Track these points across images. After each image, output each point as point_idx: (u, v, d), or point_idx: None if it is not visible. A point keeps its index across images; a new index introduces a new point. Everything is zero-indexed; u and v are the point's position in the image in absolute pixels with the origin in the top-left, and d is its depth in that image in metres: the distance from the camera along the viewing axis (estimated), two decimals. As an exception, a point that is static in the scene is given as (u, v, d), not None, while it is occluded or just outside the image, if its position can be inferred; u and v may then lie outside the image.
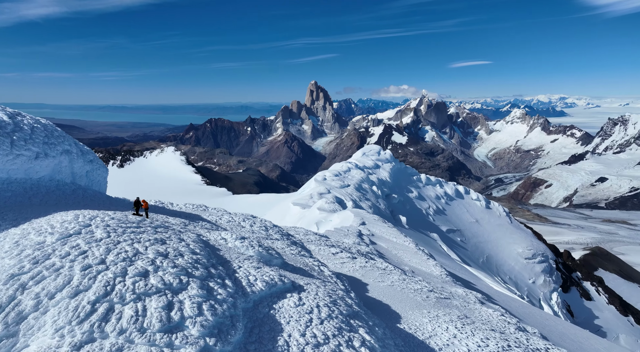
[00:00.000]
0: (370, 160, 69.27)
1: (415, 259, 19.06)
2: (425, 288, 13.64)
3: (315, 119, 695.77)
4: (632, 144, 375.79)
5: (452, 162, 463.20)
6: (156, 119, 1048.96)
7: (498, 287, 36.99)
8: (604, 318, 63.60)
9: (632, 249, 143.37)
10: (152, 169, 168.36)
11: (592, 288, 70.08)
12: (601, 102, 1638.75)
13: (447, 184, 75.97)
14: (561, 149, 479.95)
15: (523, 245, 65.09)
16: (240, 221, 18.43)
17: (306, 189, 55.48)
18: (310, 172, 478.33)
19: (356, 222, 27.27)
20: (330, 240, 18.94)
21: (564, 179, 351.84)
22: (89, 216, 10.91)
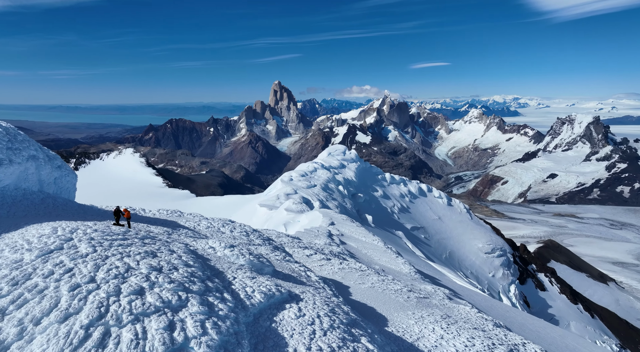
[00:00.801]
0: (336, 160, 69.65)
1: (384, 258, 19.27)
2: (404, 288, 13.77)
3: (279, 119, 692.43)
4: (578, 142, 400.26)
5: (415, 161, 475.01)
6: (112, 120, 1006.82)
7: (461, 282, 38.20)
8: (556, 307, 67.26)
9: (580, 241, 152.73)
10: (110, 172, 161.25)
11: (546, 279, 73.99)
12: (550, 102, 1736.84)
13: (411, 183, 77.70)
14: (516, 147, 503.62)
15: (483, 240, 67.70)
16: (219, 226, 17.86)
17: (272, 190, 54.98)
18: (276, 172, 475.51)
19: (325, 222, 27.25)
20: (302, 242, 18.78)
21: (518, 176, 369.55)
22: (69, 228, 10.09)
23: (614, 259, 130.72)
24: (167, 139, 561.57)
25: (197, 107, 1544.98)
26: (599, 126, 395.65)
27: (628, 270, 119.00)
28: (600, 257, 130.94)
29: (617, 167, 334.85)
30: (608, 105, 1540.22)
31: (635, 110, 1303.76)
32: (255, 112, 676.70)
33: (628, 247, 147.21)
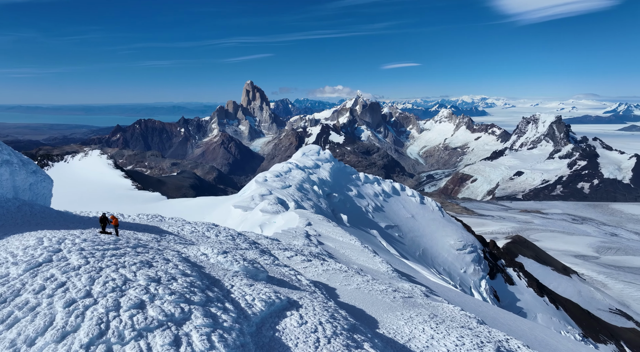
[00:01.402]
0: (311, 160, 69.71)
1: (362, 257, 19.45)
2: (389, 288, 13.89)
3: (252, 119, 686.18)
4: (542, 140, 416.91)
5: (387, 160, 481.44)
6: (77, 121, 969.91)
7: (435, 279, 39.06)
8: (524, 300, 69.81)
9: (545, 236, 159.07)
10: (75, 175, 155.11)
11: (514, 273, 76.68)
12: (516, 102, 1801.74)
13: (385, 182, 78.72)
14: (484, 146, 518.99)
15: (454, 237, 69.45)
16: (203, 230, 17.38)
17: (247, 191, 54.44)
18: (249, 173, 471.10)
19: (302, 223, 27.21)
20: (281, 243, 18.68)
21: (487, 174, 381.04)
22: (56, 238, 9.52)
23: (576, 253, 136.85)
24: (136, 140, 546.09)
25: (167, 107, 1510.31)
26: (561, 125, 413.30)
27: (589, 262, 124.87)
28: (564, 250, 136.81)
29: (578, 165, 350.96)
30: (569, 105, 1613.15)
31: (593, 110, 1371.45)
32: (227, 112, 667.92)
33: (588, 240, 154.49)
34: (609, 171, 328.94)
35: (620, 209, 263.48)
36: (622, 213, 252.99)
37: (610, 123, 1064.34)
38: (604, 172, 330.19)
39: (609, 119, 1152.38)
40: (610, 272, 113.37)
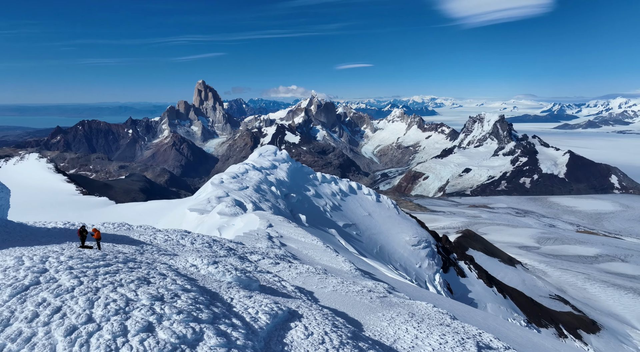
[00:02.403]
0: (267, 161, 69.03)
1: (325, 257, 19.47)
2: (364, 289, 13.90)
3: (205, 119, 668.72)
4: (488, 138, 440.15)
5: (343, 159, 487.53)
6: (11, 122, 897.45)
7: (392, 275, 40.01)
8: (475, 291, 73.30)
9: (492, 229, 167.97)
10: (11, 180, 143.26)
11: (466, 266, 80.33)
12: (463, 102, 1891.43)
13: (342, 181, 79.58)
14: (434, 145, 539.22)
15: (409, 233, 71.58)
16: (178, 239, 16.39)
17: (202, 193, 52.91)
18: (203, 175, 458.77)
19: (263, 224, 26.80)
20: (246, 246, 18.25)
21: (437, 171, 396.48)
22: (37, 257, 8.51)
23: (520, 244, 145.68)
24: (79, 142, 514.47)
25: (112, 108, 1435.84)
26: (504, 124, 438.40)
27: (531, 253, 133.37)
28: (509, 242, 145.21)
29: (520, 161, 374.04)
30: (510, 105, 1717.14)
31: (531, 110, 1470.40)
32: (178, 113, 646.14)
33: (530, 232, 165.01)
34: (547, 167, 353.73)
35: (557, 201, 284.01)
36: (559, 205, 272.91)
37: (546, 122, 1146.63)
38: (543, 167, 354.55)
39: (546, 118, 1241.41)
40: (550, 261, 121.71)
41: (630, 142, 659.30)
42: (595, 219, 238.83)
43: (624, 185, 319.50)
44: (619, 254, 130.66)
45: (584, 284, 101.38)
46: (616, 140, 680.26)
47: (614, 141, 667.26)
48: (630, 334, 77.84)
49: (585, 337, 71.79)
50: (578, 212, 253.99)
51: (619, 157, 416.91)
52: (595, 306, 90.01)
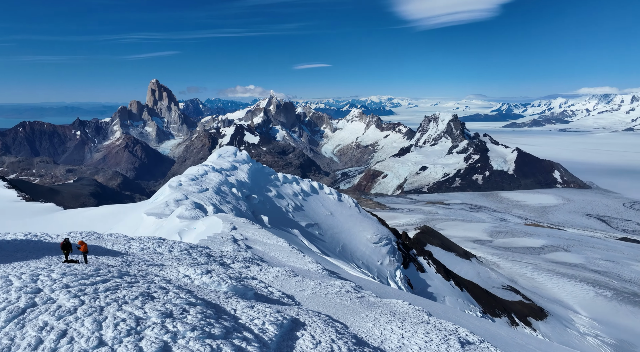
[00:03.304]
0: (227, 162, 67.72)
1: (292, 259, 19.34)
2: (342, 290, 13.84)
3: (159, 120, 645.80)
4: (442, 137, 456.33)
5: (303, 159, 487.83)
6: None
7: (355, 273, 40.54)
8: (434, 285, 75.79)
9: (448, 225, 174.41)
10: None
11: (425, 261, 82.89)
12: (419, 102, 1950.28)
13: (303, 181, 79.59)
14: (392, 144, 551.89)
15: (371, 231, 72.84)
16: (154, 247, 15.43)
17: (160, 197, 51.02)
18: (159, 177, 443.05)
19: (226, 227, 26.18)
20: (213, 250, 17.75)
21: (396, 170, 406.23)
22: (26, 275, 7.71)
23: (474, 238, 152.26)
24: (20, 145, 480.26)
25: (57, 108, 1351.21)
26: (457, 123, 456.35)
27: (484, 246, 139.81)
28: (464, 237, 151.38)
29: (472, 159, 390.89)
30: (462, 104, 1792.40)
31: (482, 109, 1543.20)
32: (131, 113, 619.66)
33: (483, 226, 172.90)
34: (497, 164, 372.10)
35: (507, 196, 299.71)
36: (509, 200, 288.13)
37: (496, 121, 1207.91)
38: (493, 164, 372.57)
39: (495, 117, 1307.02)
40: (502, 253, 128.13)
41: (570, 139, 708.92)
42: (541, 212, 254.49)
43: (566, 180, 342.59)
44: (562, 244, 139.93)
45: (532, 274, 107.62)
46: (557, 138, 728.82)
47: (556, 139, 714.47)
48: (573, 318, 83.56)
49: (535, 323, 76.26)
50: (526, 206, 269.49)
51: (560, 154, 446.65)
52: (543, 294, 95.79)
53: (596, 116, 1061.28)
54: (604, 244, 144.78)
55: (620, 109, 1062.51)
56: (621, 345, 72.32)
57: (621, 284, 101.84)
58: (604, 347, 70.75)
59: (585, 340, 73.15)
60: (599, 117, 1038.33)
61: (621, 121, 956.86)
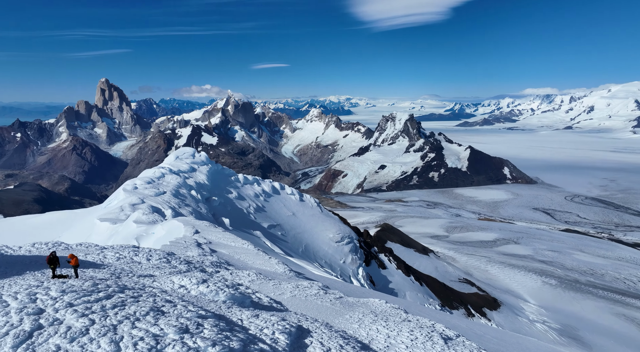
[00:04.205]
0: (185, 164, 65.81)
1: (258, 261, 19.09)
2: (321, 292, 13.74)
3: (110, 121, 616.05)
4: (399, 136, 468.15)
5: (263, 160, 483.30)
6: None
7: (319, 272, 40.77)
8: (395, 281, 77.66)
9: (407, 222, 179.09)
10: None
11: (385, 258, 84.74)
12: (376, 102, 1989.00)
13: (264, 182, 78.91)
14: (351, 143, 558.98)
15: (333, 230, 73.46)
16: (131, 256, 14.47)
17: (114, 201, 48.70)
18: (111, 181, 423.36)
19: (189, 231, 25.36)
20: (178, 256, 17.17)
21: (355, 169, 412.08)
22: (22, 294, 7.03)
23: (431, 234, 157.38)
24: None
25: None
26: (413, 122, 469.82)
27: (441, 241, 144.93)
28: (422, 233, 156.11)
29: (428, 157, 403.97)
30: (418, 104, 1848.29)
31: (436, 109, 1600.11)
32: (78, 114, 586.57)
33: (440, 222, 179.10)
34: (452, 161, 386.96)
35: (461, 193, 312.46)
36: (463, 196, 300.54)
37: (449, 120, 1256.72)
38: (448, 162, 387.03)
39: (449, 116, 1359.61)
40: (457, 248, 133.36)
41: (517, 137, 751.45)
42: (492, 207, 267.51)
43: (514, 176, 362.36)
44: (513, 237, 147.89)
45: (486, 267, 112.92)
46: (506, 136, 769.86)
47: (505, 137, 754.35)
48: (523, 307, 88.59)
49: (489, 314, 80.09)
50: (479, 202, 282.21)
51: (508, 151, 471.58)
52: (496, 285, 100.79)
53: (540, 115, 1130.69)
54: (549, 236, 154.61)
55: (561, 108, 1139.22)
56: (565, 329, 77.56)
57: (564, 273, 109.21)
58: (550, 332, 75.55)
59: (534, 326, 77.77)
60: (542, 116, 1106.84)
61: (562, 120, 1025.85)
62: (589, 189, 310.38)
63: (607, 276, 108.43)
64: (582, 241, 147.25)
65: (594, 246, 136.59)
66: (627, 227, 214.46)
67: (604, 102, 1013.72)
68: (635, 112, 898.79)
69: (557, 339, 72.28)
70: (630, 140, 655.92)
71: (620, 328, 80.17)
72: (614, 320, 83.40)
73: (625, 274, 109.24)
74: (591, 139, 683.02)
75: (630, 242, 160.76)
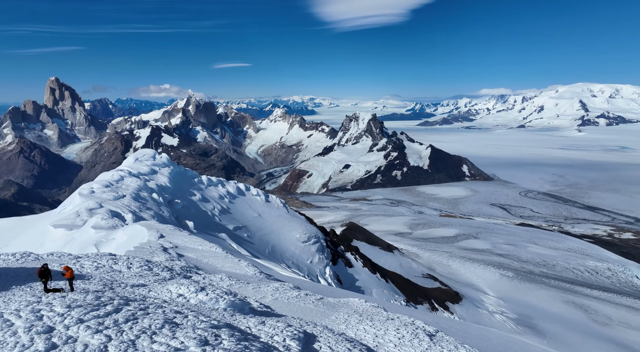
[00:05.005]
0: (146, 166, 63.57)
1: (227, 264, 18.73)
2: (302, 293, 13.59)
3: (62, 122, 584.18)
4: (363, 136, 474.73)
5: (227, 161, 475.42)
6: None
7: (287, 273, 40.65)
8: (361, 279, 78.67)
9: (372, 220, 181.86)
10: None
11: (352, 257, 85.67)
12: (339, 102, 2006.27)
13: (229, 183, 77.66)
14: (316, 143, 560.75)
15: (299, 230, 73.41)
16: (110, 264, 13.57)
17: (69, 206, 46.25)
18: (63, 185, 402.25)
19: (153, 236, 24.43)
20: (157, 262, 16.55)
21: (320, 169, 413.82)
22: (26, 312, 6.49)
23: (395, 231, 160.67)
24: None
25: None
26: (376, 122, 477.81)
27: (405, 238, 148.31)
28: (386, 230, 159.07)
29: (391, 156, 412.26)
30: (380, 104, 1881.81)
31: (398, 109, 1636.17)
32: (25, 115, 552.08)
33: (403, 219, 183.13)
34: (414, 160, 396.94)
35: (423, 190, 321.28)
36: (425, 194, 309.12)
37: (410, 119, 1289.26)
38: (410, 161, 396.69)
39: (410, 116, 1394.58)
40: (420, 244, 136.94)
41: (475, 136, 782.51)
42: (453, 203, 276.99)
43: (472, 173, 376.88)
44: (472, 232, 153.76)
45: (448, 262, 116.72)
46: (464, 135, 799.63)
47: (463, 135, 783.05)
48: (483, 299, 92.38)
49: (451, 307, 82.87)
50: (440, 199, 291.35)
51: (466, 149, 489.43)
52: (457, 279, 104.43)
53: (495, 115, 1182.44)
54: (506, 230, 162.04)
55: (514, 108, 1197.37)
56: (521, 318, 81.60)
57: (520, 265, 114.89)
58: (508, 322, 79.24)
59: (493, 317, 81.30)
60: (497, 116, 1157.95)
61: (515, 119, 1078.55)
62: (541, 184, 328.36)
63: (557, 267, 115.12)
64: (535, 234, 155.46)
65: (546, 239, 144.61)
66: (575, 220, 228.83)
67: (553, 102, 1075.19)
68: (580, 112, 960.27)
69: (515, 329, 75.94)
70: (576, 138, 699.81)
71: (569, 315, 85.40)
72: (564, 307, 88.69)
73: (574, 264, 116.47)
74: (542, 137, 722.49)
75: (577, 234, 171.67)
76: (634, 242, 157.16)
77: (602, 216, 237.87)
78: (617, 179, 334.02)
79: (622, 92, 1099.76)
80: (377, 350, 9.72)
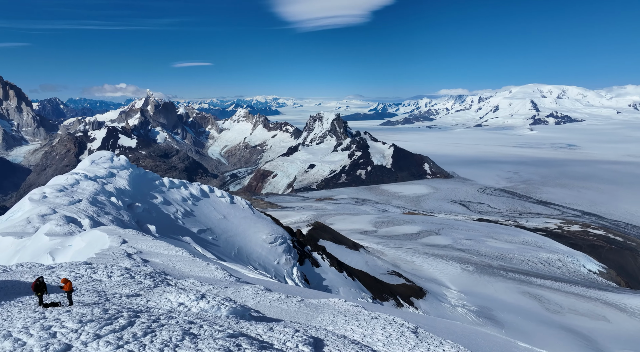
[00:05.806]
0: (103, 169, 60.83)
1: (196, 268, 18.21)
2: (282, 296, 13.36)
3: (7, 123, 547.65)
4: (327, 135, 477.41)
5: (189, 162, 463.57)
6: None
7: (254, 275, 40.21)
8: (329, 278, 79.14)
9: (337, 219, 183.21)
10: None
11: (319, 256, 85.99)
12: (303, 102, 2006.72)
13: (192, 185, 75.79)
14: (280, 143, 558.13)
15: (266, 231, 72.78)
16: (89, 274, 12.65)
17: (18, 213, 43.41)
18: (10, 190, 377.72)
19: (115, 241, 23.30)
20: (137, 270, 15.82)
21: (285, 169, 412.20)
22: (36, 330, 6.03)
23: (361, 229, 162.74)
24: None
25: None
26: (340, 122, 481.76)
27: (370, 236, 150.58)
28: (352, 229, 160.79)
29: (356, 155, 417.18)
30: (344, 104, 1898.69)
31: (361, 109, 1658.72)
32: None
33: (368, 218, 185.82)
34: (377, 159, 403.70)
35: (387, 189, 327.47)
36: (388, 192, 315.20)
37: (373, 119, 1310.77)
38: (374, 160, 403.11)
39: (372, 116, 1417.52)
40: (385, 242, 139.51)
41: (435, 135, 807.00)
42: (415, 201, 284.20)
43: (433, 171, 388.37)
44: (434, 228, 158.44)
45: (412, 258, 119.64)
46: (425, 134, 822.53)
47: (423, 134, 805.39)
48: (446, 293, 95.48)
49: (416, 302, 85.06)
50: (403, 197, 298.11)
51: (427, 148, 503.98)
52: (421, 274, 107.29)
53: (454, 114, 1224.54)
54: (465, 225, 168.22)
55: (471, 107, 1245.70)
56: (482, 310, 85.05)
57: (480, 259, 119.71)
58: (469, 315, 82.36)
59: (455, 310, 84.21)
60: (456, 115, 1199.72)
61: (472, 118, 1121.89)
62: (497, 181, 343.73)
63: (514, 259, 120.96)
64: (493, 228, 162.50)
65: (503, 233, 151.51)
66: (529, 214, 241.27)
67: (507, 102, 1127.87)
68: (531, 112, 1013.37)
69: (476, 320, 79.03)
70: (528, 137, 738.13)
71: (525, 305, 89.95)
72: (521, 298, 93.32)
73: (529, 256, 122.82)
74: (497, 136, 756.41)
75: (531, 228, 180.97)
76: (580, 234, 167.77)
77: (552, 210, 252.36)
78: (565, 174, 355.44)
79: (568, 93, 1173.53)
80: (368, 349, 9.64)
